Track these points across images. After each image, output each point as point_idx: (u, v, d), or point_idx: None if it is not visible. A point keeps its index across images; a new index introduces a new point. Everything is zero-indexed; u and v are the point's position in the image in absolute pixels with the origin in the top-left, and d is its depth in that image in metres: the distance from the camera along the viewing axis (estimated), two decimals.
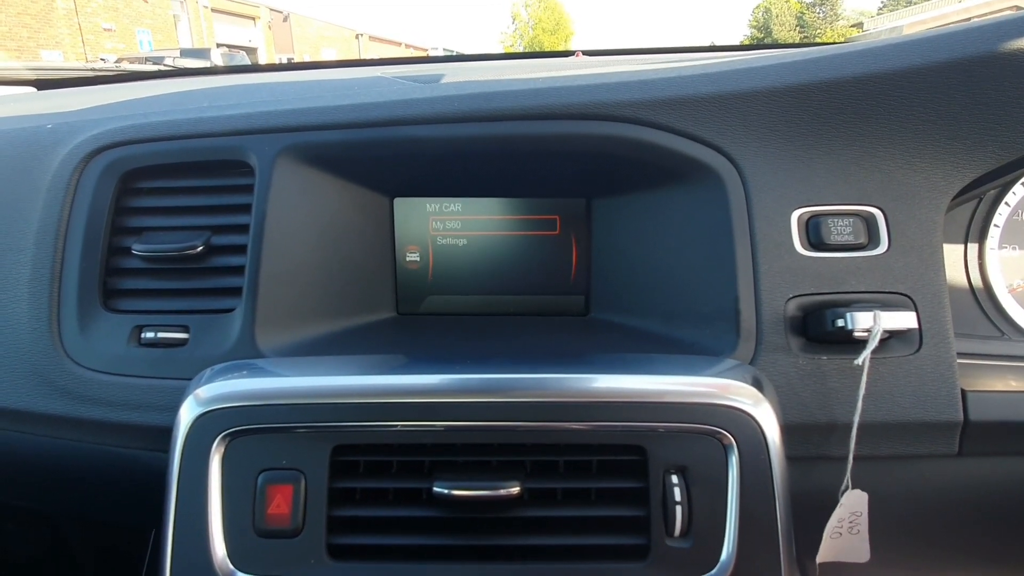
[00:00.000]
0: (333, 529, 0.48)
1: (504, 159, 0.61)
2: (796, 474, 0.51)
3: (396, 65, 1.05)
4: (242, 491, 0.48)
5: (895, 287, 0.55)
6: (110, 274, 0.61)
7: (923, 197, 0.55)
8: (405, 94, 0.61)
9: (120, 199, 0.61)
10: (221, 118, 0.60)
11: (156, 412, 0.56)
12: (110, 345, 0.58)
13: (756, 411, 0.48)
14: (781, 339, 0.54)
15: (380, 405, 0.49)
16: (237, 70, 1.16)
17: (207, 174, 0.61)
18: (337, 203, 0.63)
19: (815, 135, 0.56)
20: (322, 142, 0.59)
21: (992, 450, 0.57)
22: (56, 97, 0.90)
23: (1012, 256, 0.63)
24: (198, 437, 0.49)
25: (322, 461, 0.48)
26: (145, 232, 0.61)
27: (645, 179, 0.61)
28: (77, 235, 0.59)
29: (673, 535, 0.48)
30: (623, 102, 0.56)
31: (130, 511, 0.70)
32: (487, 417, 0.49)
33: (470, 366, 0.51)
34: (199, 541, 0.47)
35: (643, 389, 0.49)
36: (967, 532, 0.65)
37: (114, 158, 0.60)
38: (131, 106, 0.70)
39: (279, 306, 0.58)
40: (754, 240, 0.55)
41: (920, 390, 0.54)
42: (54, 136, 0.63)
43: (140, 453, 0.59)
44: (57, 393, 0.58)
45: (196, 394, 0.50)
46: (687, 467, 0.48)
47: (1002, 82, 0.52)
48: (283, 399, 0.49)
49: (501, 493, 0.47)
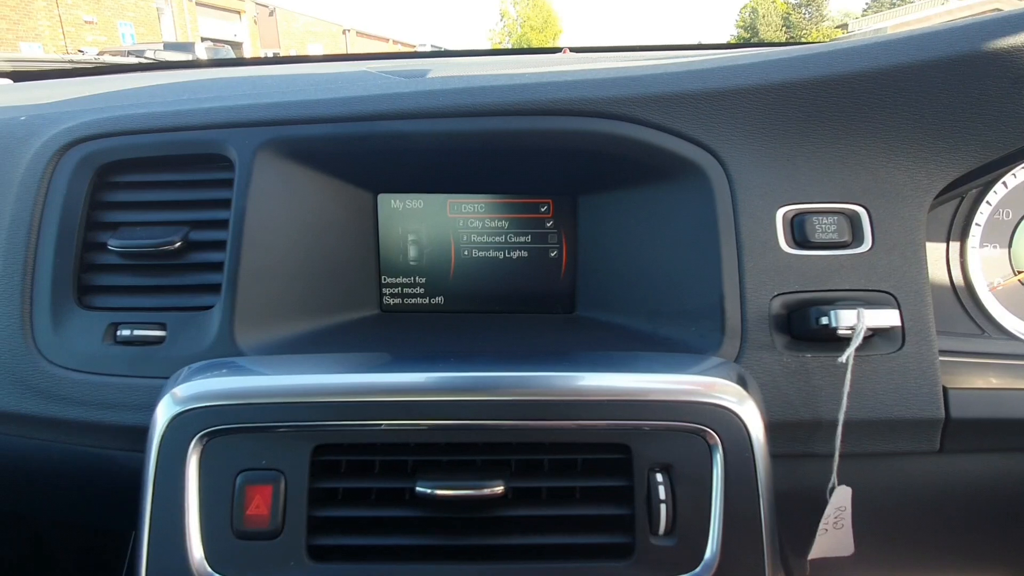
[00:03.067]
0: (314, 530, 0.47)
1: (489, 155, 0.60)
2: (781, 472, 0.51)
3: (382, 60, 1.04)
4: (220, 492, 0.47)
5: (878, 285, 0.55)
6: (85, 270, 0.59)
7: (907, 195, 0.56)
8: (389, 88, 0.60)
9: (95, 193, 0.60)
10: (200, 111, 0.59)
11: (132, 411, 0.55)
12: (85, 343, 0.57)
13: (741, 409, 0.48)
14: (766, 337, 0.54)
15: (362, 404, 0.48)
16: (219, 63, 1.14)
17: (185, 168, 0.60)
18: (319, 199, 0.61)
19: (800, 133, 0.56)
20: (304, 136, 0.58)
21: (973, 447, 0.57)
22: (32, 89, 0.87)
23: (993, 255, 0.63)
24: (175, 437, 0.47)
25: (302, 461, 0.47)
26: (121, 227, 0.59)
27: (631, 176, 0.61)
28: (51, 230, 0.58)
29: (657, 533, 0.47)
30: (609, 98, 0.56)
31: (107, 513, 0.69)
32: (471, 416, 0.48)
33: (454, 364, 0.51)
34: (176, 543, 0.46)
35: (628, 387, 0.49)
36: (949, 527, 0.66)
37: (89, 151, 0.59)
38: (108, 98, 0.68)
39: (259, 303, 0.57)
40: (739, 238, 0.55)
41: (902, 387, 0.54)
42: (27, 128, 0.61)
43: (116, 453, 0.57)
44: (30, 392, 0.57)
45: (173, 393, 0.49)
46: (672, 465, 0.48)
47: (985, 81, 0.53)
48: (262, 398, 0.48)
49: (485, 492, 0.47)
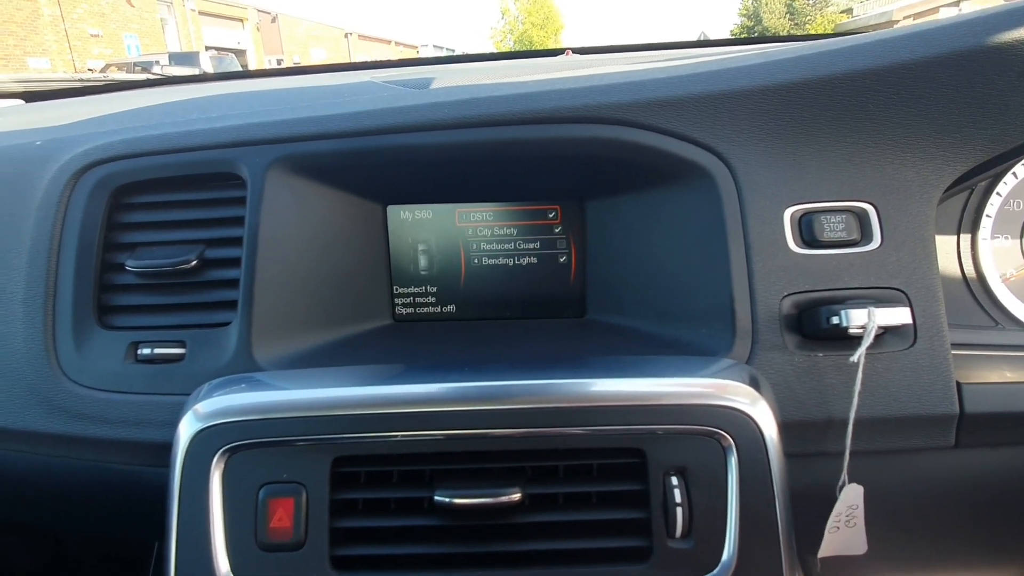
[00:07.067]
0: (336, 541, 0.48)
1: (496, 164, 0.61)
2: (794, 471, 0.51)
3: (386, 68, 1.05)
4: (244, 506, 0.48)
5: (889, 282, 0.55)
6: (104, 291, 0.60)
7: (915, 191, 0.56)
8: (395, 101, 0.60)
9: (112, 215, 0.61)
10: (211, 131, 0.60)
11: (155, 428, 0.56)
12: (106, 362, 0.58)
13: (754, 410, 0.49)
14: (777, 337, 0.55)
15: (379, 416, 0.49)
16: (226, 77, 1.15)
17: (199, 187, 0.61)
18: (330, 212, 0.62)
19: (806, 132, 0.56)
20: (313, 152, 0.59)
21: (988, 441, 0.57)
22: (44, 110, 0.89)
23: (1005, 246, 0.63)
24: (198, 453, 0.49)
25: (323, 473, 0.48)
26: (138, 247, 0.60)
27: (638, 180, 0.61)
28: (70, 252, 0.59)
29: (674, 536, 0.48)
30: (614, 104, 0.56)
31: (132, 526, 0.70)
32: (487, 425, 0.49)
33: (468, 374, 0.51)
34: (202, 557, 0.47)
35: (641, 392, 0.49)
36: (965, 522, 0.65)
37: (104, 174, 0.60)
38: (120, 119, 0.70)
39: (275, 318, 0.58)
40: (748, 239, 0.55)
41: (915, 384, 0.54)
42: (43, 152, 0.63)
43: (141, 469, 0.59)
44: (55, 412, 0.58)
45: (195, 409, 0.50)
46: (686, 468, 0.49)
47: (991, 75, 0.52)
48: (282, 412, 0.49)
49: (502, 500, 0.47)
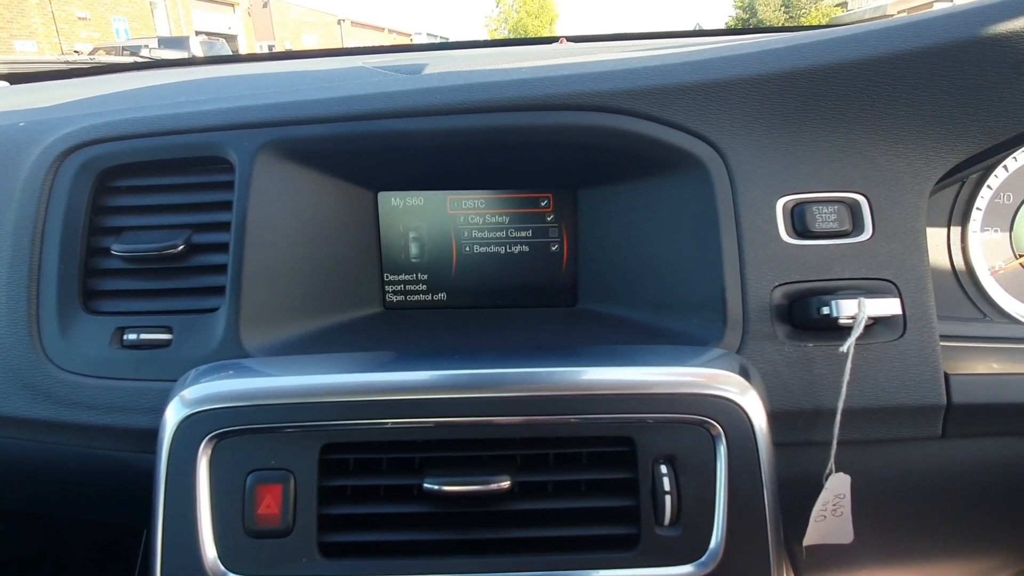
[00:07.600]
0: (324, 527, 0.48)
1: (489, 151, 0.60)
2: (782, 460, 0.51)
3: (379, 55, 1.04)
4: (231, 492, 0.48)
5: (879, 273, 0.55)
6: (90, 275, 0.60)
7: (906, 183, 0.56)
8: (387, 86, 0.60)
9: (97, 198, 0.60)
10: (199, 113, 0.59)
11: (141, 414, 0.56)
12: (92, 347, 0.58)
13: (743, 400, 0.49)
14: (767, 327, 0.55)
15: (368, 403, 0.48)
16: (215, 61, 1.13)
17: (186, 171, 0.60)
18: (320, 198, 0.62)
19: (799, 122, 0.55)
20: (303, 137, 0.58)
21: (975, 432, 0.58)
22: (29, 92, 0.87)
23: (994, 239, 0.63)
24: (185, 439, 0.48)
25: (311, 460, 0.48)
26: (124, 232, 0.60)
27: (631, 169, 0.61)
28: (54, 236, 0.58)
29: (663, 524, 0.48)
30: (607, 92, 0.56)
31: (121, 512, 0.70)
32: (477, 413, 0.49)
33: (459, 361, 0.51)
34: (189, 543, 0.47)
35: (631, 380, 0.49)
36: (951, 512, 0.66)
37: (89, 156, 0.59)
38: (106, 102, 0.68)
39: (264, 304, 0.58)
40: (740, 229, 0.55)
41: (904, 375, 0.54)
42: (27, 135, 0.61)
43: (127, 455, 0.58)
44: (39, 397, 0.57)
45: (182, 396, 0.49)
46: (676, 457, 0.49)
47: (984, 67, 0.52)
48: (270, 399, 0.49)
49: (492, 487, 0.48)
